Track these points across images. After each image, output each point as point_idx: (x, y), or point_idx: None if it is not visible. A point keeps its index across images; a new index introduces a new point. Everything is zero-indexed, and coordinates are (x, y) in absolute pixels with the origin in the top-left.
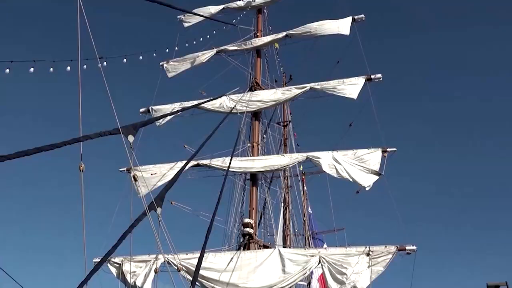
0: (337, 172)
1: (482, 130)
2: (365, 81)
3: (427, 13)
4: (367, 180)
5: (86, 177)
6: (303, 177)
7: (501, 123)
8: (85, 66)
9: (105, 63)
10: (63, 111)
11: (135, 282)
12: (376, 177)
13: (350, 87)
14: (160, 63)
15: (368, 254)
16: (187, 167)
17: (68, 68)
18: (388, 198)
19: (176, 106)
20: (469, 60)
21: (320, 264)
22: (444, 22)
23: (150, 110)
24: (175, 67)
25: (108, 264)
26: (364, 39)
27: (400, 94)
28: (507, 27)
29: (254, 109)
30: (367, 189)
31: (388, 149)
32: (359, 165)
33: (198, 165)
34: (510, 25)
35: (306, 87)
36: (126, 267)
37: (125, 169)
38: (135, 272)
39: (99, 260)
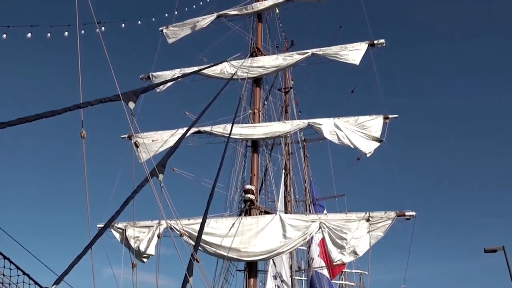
0: (338, 138)
1: (483, 97)
2: (368, 46)
3: None
4: (368, 147)
5: (87, 144)
6: (304, 143)
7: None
8: (83, 31)
9: (103, 28)
10: (62, 78)
11: (138, 247)
12: (377, 144)
13: (353, 52)
14: (160, 28)
15: (368, 220)
16: (188, 134)
17: (66, 33)
18: (388, 165)
19: (177, 72)
20: (473, 24)
21: (320, 230)
22: None
23: (150, 76)
24: (175, 32)
25: (112, 230)
26: (367, 3)
27: (402, 61)
28: None
29: (255, 75)
30: (368, 155)
31: (390, 116)
32: (360, 131)
33: (199, 132)
34: None
35: (308, 52)
36: (130, 232)
37: (126, 135)
38: (138, 237)
39: (102, 225)
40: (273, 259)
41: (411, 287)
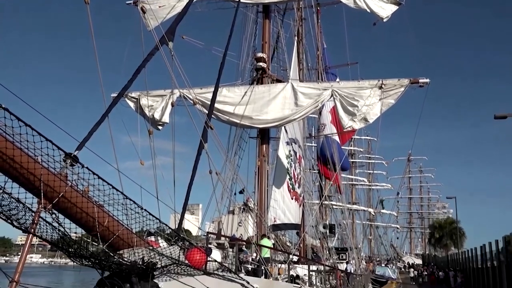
0: (354, 1)
1: None
2: None
3: None
4: (385, 10)
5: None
6: (318, 8)
7: None
8: None
9: None
10: None
11: (153, 115)
12: (395, 7)
13: None
14: None
15: (380, 87)
16: None
17: None
18: (405, 31)
19: None
20: None
21: (332, 98)
22: None
23: None
24: None
25: (126, 99)
26: None
27: None
28: None
29: None
30: (384, 20)
31: None
32: None
33: None
34: None
35: None
36: (144, 101)
37: (131, 1)
38: (152, 106)
39: (116, 94)
40: (284, 126)
41: (417, 153)
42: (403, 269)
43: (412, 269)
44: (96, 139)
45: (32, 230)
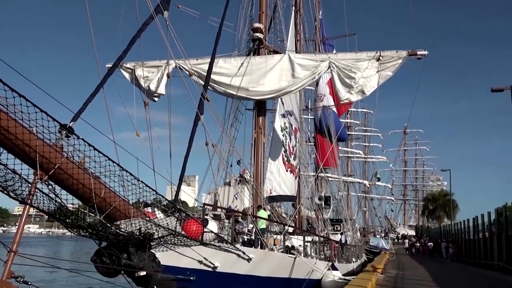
0: None
1: None
2: None
3: None
4: None
5: None
6: None
7: None
8: None
9: None
10: None
11: (149, 86)
12: None
13: None
14: None
15: (378, 59)
16: None
17: None
18: (404, 2)
19: None
20: None
21: (329, 69)
22: None
23: None
24: None
25: (121, 69)
26: None
27: None
28: None
29: None
30: None
31: None
32: None
33: None
34: None
35: None
36: (139, 72)
37: None
38: (148, 77)
39: (111, 65)
40: (281, 98)
41: (413, 126)
42: (396, 240)
43: (406, 240)
44: (92, 111)
45: (29, 201)
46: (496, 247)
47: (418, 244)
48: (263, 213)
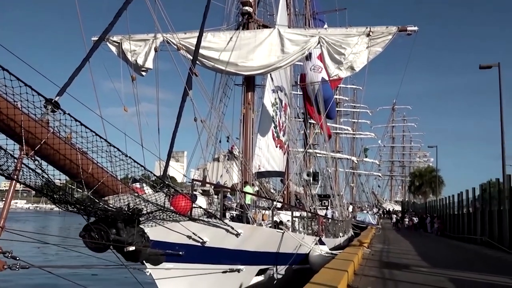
0: None
1: None
2: None
3: None
4: None
5: None
6: None
7: None
8: None
9: None
10: None
11: (136, 61)
12: None
13: None
14: None
15: (368, 35)
16: None
17: None
18: None
19: None
20: None
21: (319, 45)
22: None
23: None
24: None
25: (108, 43)
26: None
27: None
28: None
29: None
30: None
31: None
32: None
33: None
34: None
35: None
36: (126, 45)
37: None
38: (135, 50)
39: (97, 38)
40: (270, 74)
41: (402, 102)
42: (382, 215)
43: (394, 215)
44: (78, 85)
45: (15, 176)
46: (480, 222)
47: (407, 220)
48: (248, 189)
